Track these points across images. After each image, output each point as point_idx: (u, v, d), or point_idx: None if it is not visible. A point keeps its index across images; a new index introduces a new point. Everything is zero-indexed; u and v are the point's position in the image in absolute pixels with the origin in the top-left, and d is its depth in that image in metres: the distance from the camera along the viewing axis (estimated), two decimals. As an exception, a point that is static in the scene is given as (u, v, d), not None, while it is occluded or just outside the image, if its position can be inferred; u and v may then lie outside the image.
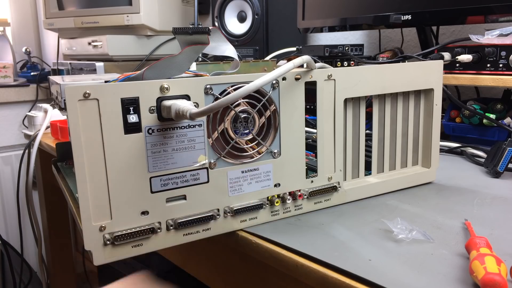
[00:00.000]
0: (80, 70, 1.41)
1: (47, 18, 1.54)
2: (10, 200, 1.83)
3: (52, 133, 0.96)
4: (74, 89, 0.37)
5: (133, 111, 0.40)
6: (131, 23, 1.36)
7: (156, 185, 0.42)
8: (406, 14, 0.90)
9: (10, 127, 1.87)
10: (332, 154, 0.51)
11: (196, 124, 0.43)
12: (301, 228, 0.46)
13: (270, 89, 0.46)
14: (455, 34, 1.09)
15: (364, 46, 1.06)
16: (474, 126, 0.79)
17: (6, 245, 1.40)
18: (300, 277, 0.41)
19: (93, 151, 0.39)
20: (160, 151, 0.42)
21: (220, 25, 1.31)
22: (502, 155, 0.61)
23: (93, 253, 0.41)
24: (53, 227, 1.25)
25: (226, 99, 0.38)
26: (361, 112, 0.53)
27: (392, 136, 0.57)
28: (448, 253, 0.40)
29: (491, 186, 0.58)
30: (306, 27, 1.17)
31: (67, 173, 0.63)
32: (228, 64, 0.56)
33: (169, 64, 0.45)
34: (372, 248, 0.41)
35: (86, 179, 0.39)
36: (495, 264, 0.33)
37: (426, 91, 0.58)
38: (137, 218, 0.42)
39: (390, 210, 0.50)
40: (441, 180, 0.60)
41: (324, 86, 0.49)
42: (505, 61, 0.74)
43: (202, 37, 0.46)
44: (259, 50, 1.24)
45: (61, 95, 0.64)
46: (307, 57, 0.46)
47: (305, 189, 0.50)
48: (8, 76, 1.81)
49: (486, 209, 0.50)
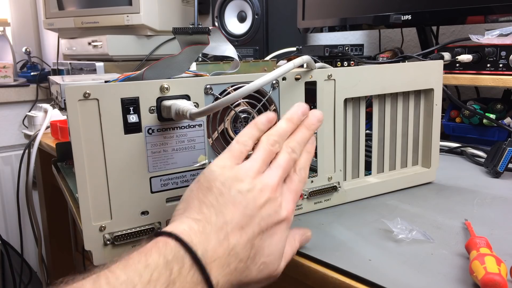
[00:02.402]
0: (80, 70, 1.41)
1: (47, 18, 1.54)
2: (10, 200, 1.82)
3: (52, 133, 0.96)
4: (74, 89, 0.37)
5: (133, 111, 0.40)
6: (131, 23, 1.36)
7: (156, 185, 0.42)
8: (406, 14, 0.90)
9: (10, 127, 1.87)
10: (332, 154, 0.51)
11: (196, 124, 0.43)
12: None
13: (270, 89, 0.46)
14: (455, 34, 1.09)
15: (364, 46, 1.06)
16: (474, 126, 0.79)
17: (6, 245, 1.40)
18: (300, 277, 0.41)
19: (93, 151, 0.39)
20: (160, 151, 0.42)
21: (220, 25, 1.31)
22: (502, 155, 0.61)
23: (93, 253, 0.41)
24: (53, 227, 1.24)
25: (226, 99, 0.38)
26: (361, 112, 0.53)
27: (392, 136, 0.57)
28: (448, 253, 0.40)
29: (491, 186, 0.58)
30: (306, 27, 1.17)
31: (67, 173, 0.63)
32: (228, 64, 0.56)
33: (169, 64, 0.45)
34: (372, 248, 0.41)
35: (86, 179, 0.39)
36: (495, 264, 0.33)
37: (426, 91, 0.58)
38: (137, 218, 0.42)
39: (390, 210, 0.50)
40: (441, 180, 0.60)
41: (324, 86, 0.49)
42: (505, 61, 0.74)
43: (202, 37, 0.46)
44: (259, 50, 1.24)
45: (61, 95, 0.64)
46: (307, 57, 0.46)
47: (305, 189, 0.50)
48: (8, 76, 1.81)
49: (486, 209, 0.50)
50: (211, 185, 0.34)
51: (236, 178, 0.34)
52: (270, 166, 0.36)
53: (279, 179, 0.36)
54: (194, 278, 0.30)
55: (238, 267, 0.32)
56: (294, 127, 0.39)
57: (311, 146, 0.40)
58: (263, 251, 0.34)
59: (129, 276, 0.28)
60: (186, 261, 0.30)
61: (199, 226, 0.32)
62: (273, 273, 0.35)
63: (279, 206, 0.35)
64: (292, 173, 0.38)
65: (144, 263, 0.29)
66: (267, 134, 0.37)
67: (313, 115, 0.40)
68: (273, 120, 0.38)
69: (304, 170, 0.39)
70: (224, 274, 0.31)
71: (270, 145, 0.37)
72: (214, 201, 0.33)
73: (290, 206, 0.36)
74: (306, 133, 0.39)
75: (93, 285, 0.27)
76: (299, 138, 0.39)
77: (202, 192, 0.34)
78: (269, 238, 0.34)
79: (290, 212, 0.36)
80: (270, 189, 0.35)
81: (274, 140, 0.37)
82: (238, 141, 0.36)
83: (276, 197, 0.35)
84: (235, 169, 0.35)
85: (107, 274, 0.28)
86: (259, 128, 0.37)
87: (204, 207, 0.33)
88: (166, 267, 0.29)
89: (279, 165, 0.36)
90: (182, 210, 0.34)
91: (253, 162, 0.35)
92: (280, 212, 0.35)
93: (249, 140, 0.37)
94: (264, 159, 0.36)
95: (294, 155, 0.38)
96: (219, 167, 0.35)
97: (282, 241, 0.35)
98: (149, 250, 0.30)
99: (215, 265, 0.31)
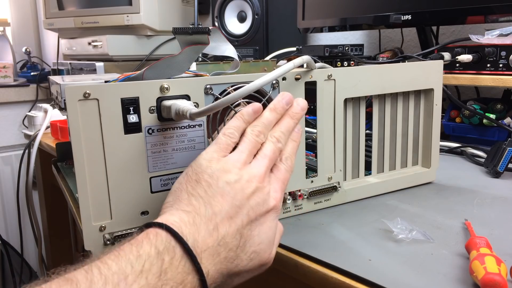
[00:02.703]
0: (80, 70, 1.41)
1: (47, 18, 1.54)
2: (10, 200, 1.82)
3: (52, 133, 0.96)
4: (74, 89, 0.37)
5: (133, 111, 0.40)
6: (131, 23, 1.36)
7: (156, 185, 0.42)
8: (406, 14, 0.90)
9: (10, 127, 1.87)
10: (332, 154, 0.51)
11: (196, 124, 0.43)
12: (301, 228, 0.46)
13: (270, 89, 0.46)
14: (455, 34, 1.09)
15: (364, 46, 1.06)
16: (474, 126, 0.79)
17: (6, 245, 1.40)
18: (300, 277, 0.41)
19: (93, 151, 0.39)
20: (160, 151, 0.42)
21: (220, 25, 1.31)
22: (502, 155, 0.61)
23: (93, 253, 0.41)
24: (53, 227, 1.24)
25: (226, 99, 0.38)
26: (361, 112, 0.53)
27: (392, 136, 0.57)
28: (448, 253, 0.40)
29: (491, 186, 0.58)
30: (306, 27, 1.17)
31: (67, 173, 0.63)
32: (228, 64, 0.56)
33: (169, 64, 0.45)
34: (372, 248, 0.41)
35: (86, 179, 0.39)
36: (495, 264, 0.33)
37: (426, 91, 0.58)
38: (137, 218, 0.42)
39: (390, 210, 0.50)
40: (441, 180, 0.60)
41: (324, 86, 0.49)
42: (505, 61, 0.74)
43: (202, 37, 0.46)
44: (259, 50, 1.24)
45: (61, 95, 0.64)
46: (307, 57, 0.46)
47: (305, 189, 0.50)
48: (8, 76, 1.81)
49: (486, 209, 0.50)
50: (199, 178, 0.35)
51: (224, 170, 0.35)
52: (256, 156, 0.37)
53: (265, 169, 0.36)
54: (186, 267, 0.30)
55: (228, 256, 0.33)
56: (278, 117, 0.40)
57: (297, 134, 0.41)
58: (253, 240, 0.34)
59: (121, 266, 0.28)
60: (177, 251, 0.30)
61: (189, 217, 0.32)
62: (265, 261, 0.35)
63: (267, 195, 0.36)
64: (279, 162, 0.39)
65: (135, 253, 0.29)
66: (252, 125, 0.38)
67: (297, 104, 0.41)
68: (259, 111, 0.39)
69: (290, 159, 0.39)
70: (215, 263, 0.32)
71: (255, 136, 0.37)
72: (202, 193, 0.34)
73: (278, 195, 0.37)
74: (291, 122, 0.40)
75: (85, 276, 0.27)
76: (284, 128, 0.39)
77: (190, 184, 0.35)
78: (258, 227, 0.35)
79: (278, 200, 0.37)
80: (257, 179, 0.35)
81: (259, 131, 0.38)
82: (224, 133, 0.37)
83: (263, 187, 0.36)
84: (222, 161, 0.35)
85: (99, 265, 0.28)
86: (245, 120, 0.38)
87: (193, 199, 0.34)
88: (158, 258, 0.29)
89: (265, 155, 0.37)
90: (172, 203, 0.35)
91: (239, 154, 0.36)
92: (268, 201, 0.36)
93: (235, 132, 0.37)
94: (250, 150, 0.37)
95: (279, 144, 0.38)
96: (206, 160, 0.35)
97: (271, 229, 0.36)
98: (140, 242, 0.30)
99: (205, 255, 0.31)
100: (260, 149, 0.38)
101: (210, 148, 0.36)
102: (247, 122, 0.38)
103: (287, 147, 0.40)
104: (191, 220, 0.32)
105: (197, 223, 0.32)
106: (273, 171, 0.38)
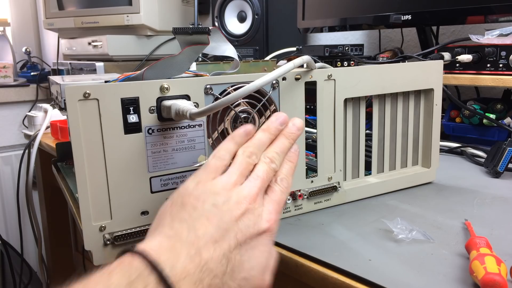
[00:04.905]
0: (80, 70, 1.41)
1: (47, 18, 1.54)
2: (10, 200, 1.82)
3: (52, 133, 0.96)
4: (74, 89, 0.37)
5: (133, 111, 0.40)
6: (131, 23, 1.36)
7: (156, 185, 0.42)
8: (406, 14, 0.90)
9: (10, 127, 1.87)
10: (332, 154, 0.51)
11: (196, 124, 0.43)
12: (301, 228, 0.46)
13: (270, 89, 0.46)
14: (455, 34, 1.09)
15: (364, 46, 1.06)
16: (474, 126, 0.79)
17: (6, 245, 1.40)
18: (300, 277, 0.41)
19: (93, 151, 0.39)
20: (160, 151, 0.42)
21: (220, 25, 1.31)
22: (502, 155, 0.61)
23: (93, 253, 0.41)
24: (53, 227, 1.24)
25: (226, 99, 0.38)
26: (361, 112, 0.53)
27: (392, 136, 0.57)
28: (448, 253, 0.40)
29: (491, 186, 0.58)
30: (306, 27, 1.17)
31: (67, 173, 0.63)
32: (228, 64, 0.56)
33: (169, 64, 0.45)
34: (372, 248, 0.41)
35: (86, 179, 0.39)
36: (495, 264, 0.33)
37: (426, 91, 0.58)
38: (137, 218, 0.42)
39: (390, 210, 0.50)
40: (441, 180, 0.60)
41: (324, 86, 0.49)
42: (505, 61, 0.74)
43: (202, 37, 0.46)
44: (259, 50, 1.24)
45: (61, 95, 0.64)
46: (307, 57, 0.46)
47: (305, 189, 0.50)
48: (8, 76, 1.81)
49: (486, 209, 0.50)
50: (185, 201, 0.33)
51: (211, 192, 0.33)
52: (248, 177, 0.35)
53: (257, 190, 0.34)
54: None
55: (212, 284, 0.30)
56: (272, 137, 0.38)
57: (293, 155, 0.39)
58: (243, 265, 0.32)
59: None
60: (151, 280, 0.28)
61: (170, 242, 0.30)
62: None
63: (258, 217, 0.33)
64: (273, 184, 0.36)
65: (104, 283, 0.27)
66: (244, 146, 0.36)
67: (292, 124, 0.39)
68: (251, 132, 0.37)
69: (286, 180, 0.37)
70: None
71: (247, 157, 0.35)
72: (186, 216, 0.32)
73: (272, 217, 0.34)
74: (286, 143, 0.38)
75: None
76: (278, 148, 0.37)
77: (176, 207, 0.33)
78: (249, 251, 0.32)
79: (273, 222, 0.34)
80: (248, 200, 0.33)
81: (251, 152, 0.36)
82: (215, 155, 0.35)
83: (254, 208, 0.33)
84: (210, 184, 0.33)
85: None
86: (236, 142, 0.36)
87: (176, 222, 0.32)
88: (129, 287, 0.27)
89: (257, 176, 0.35)
90: (155, 227, 0.33)
91: (229, 175, 0.34)
92: (260, 223, 0.33)
93: (226, 154, 0.35)
94: (241, 172, 0.35)
95: (273, 165, 0.36)
96: (194, 182, 0.34)
97: (264, 253, 0.33)
98: (113, 270, 0.28)
99: (185, 282, 0.29)
100: (252, 170, 0.35)
101: (199, 171, 0.35)
102: (239, 143, 0.36)
103: (283, 168, 0.37)
104: (171, 245, 0.30)
105: (177, 248, 0.30)
106: (268, 193, 0.36)
